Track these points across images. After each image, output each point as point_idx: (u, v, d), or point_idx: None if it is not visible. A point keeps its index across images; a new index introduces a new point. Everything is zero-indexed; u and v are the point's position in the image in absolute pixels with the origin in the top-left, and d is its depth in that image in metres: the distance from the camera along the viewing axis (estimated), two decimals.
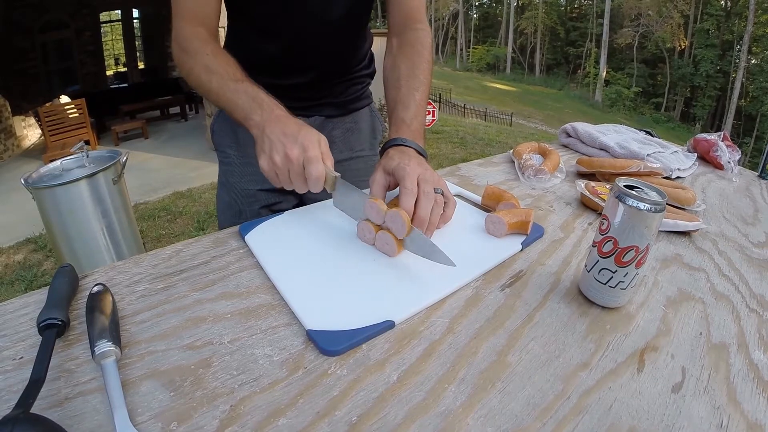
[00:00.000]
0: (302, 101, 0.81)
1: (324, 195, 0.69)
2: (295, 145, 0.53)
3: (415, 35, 0.74)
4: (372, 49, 0.92)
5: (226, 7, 0.77)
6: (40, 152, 5.51)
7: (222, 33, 0.72)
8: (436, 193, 0.56)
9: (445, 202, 0.59)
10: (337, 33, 0.77)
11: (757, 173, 1.03)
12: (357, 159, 0.91)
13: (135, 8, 8.95)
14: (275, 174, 0.55)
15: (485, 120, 15.03)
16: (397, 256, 0.54)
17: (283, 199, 0.88)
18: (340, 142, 0.89)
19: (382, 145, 0.66)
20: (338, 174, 0.56)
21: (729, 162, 1.02)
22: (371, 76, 0.93)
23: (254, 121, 0.58)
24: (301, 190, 0.56)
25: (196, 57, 0.64)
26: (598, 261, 0.47)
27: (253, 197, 0.86)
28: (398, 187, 0.61)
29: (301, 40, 0.76)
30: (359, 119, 0.92)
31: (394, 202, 0.60)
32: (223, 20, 0.73)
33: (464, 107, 16.87)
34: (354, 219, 0.58)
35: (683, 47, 26.18)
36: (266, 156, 0.55)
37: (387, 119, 0.72)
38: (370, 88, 0.96)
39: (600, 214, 0.64)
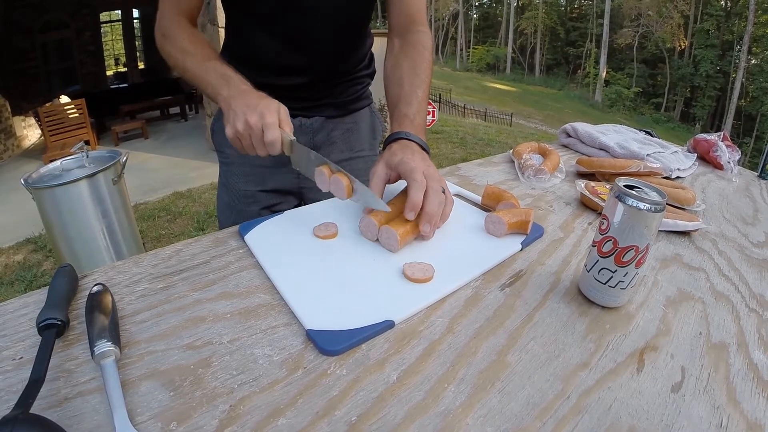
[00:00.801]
0: (302, 101, 0.81)
1: (324, 195, 0.69)
2: (255, 113, 0.58)
3: (416, 37, 0.75)
4: (372, 49, 0.92)
5: (225, 7, 0.78)
6: (40, 152, 5.51)
7: (222, 33, 0.73)
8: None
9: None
10: (337, 32, 0.77)
11: (756, 173, 1.03)
12: (357, 159, 0.91)
13: (135, 8, 8.96)
14: (238, 140, 0.60)
15: (485, 120, 15.04)
16: (398, 255, 0.54)
17: (283, 199, 0.88)
18: (340, 142, 0.89)
19: (384, 140, 0.67)
20: (294, 138, 0.60)
21: (729, 162, 1.02)
22: (371, 76, 0.93)
23: (222, 95, 0.62)
24: (262, 154, 0.60)
25: (175, 41, 0.70)
26: (597, 261, 0.47)
27: (253, 198, 0.86)
28: (398, 182, 0.61)
29: (301, 40, 0.76)
30: (359, 119, 0.92)
31: (398, 198, 0.60)
32: (223, 20, 0.73)
33: (464, 107, 16.87)
34: (311, 178, 0.62)
35: (683, 47, 26.18)
36: (230, 125, 0.60)
37: (387, 119, 0.72)
38: (370, 88, 0.96)
39: (600, 214, 0.64)
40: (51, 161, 2.20)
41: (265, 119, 0.57)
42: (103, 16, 8.74)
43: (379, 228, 0.55)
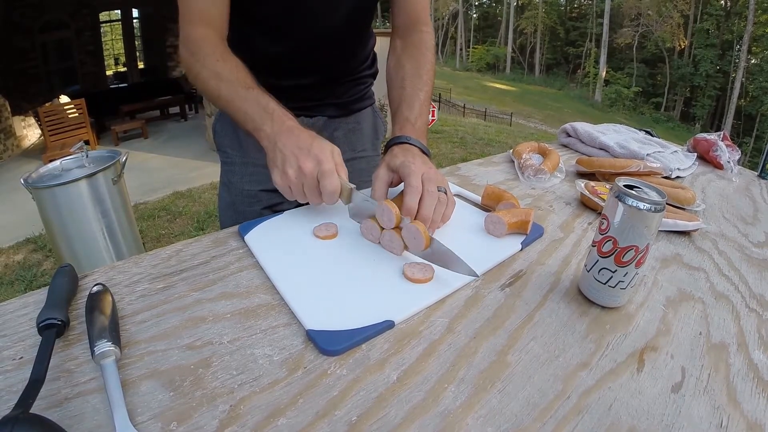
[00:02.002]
0: (305, 101, 0.81)
1: None
2: (309, 158, 0.53)
3: (419, 37, 0.75)
4: (374, 48, 0.92)
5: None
6: (40, 152, 5.51)
7: None
8: (439, 191, 0.57)
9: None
10: (340, 33, 0.77)
11: (756, 173, 1.03)
12: (359, 159, 0.91)
13: (135, 8, 8.94)
14: (289, 188, 0.55)
15: (485, 120, 15.03)
16: (398, 255, 0.53)
17: (285, 199, 0.88)
18: (342, 142, 0.89)
19: (385, 143, 0.67)
20: (353, 186, 0.56)
21: (729, 162, 1.02)
22: (374, 76, 0.93)
23: (265, 132, 0.57)
24: (315, 203, 0.55)
25: (206, 61, 0.62)
26: (597, 261, 0.47)
27: (255, 198, 0.86)
28: (400, 184, 0.61)
29: (304, 40, 0.75)
30: (362, 119, 0.92)
31: (399, 199, 0.60)
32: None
33: (464, 107, 16.87)
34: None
35: (683, 47, 26.17)
36: (279, 170, 0.54)
37: (387, 117, 0.72)
38: (372, 88, 0.96)
39: (600, 213, 0.64)
40: (51, 161, 2.20)
41: (323, 166, 0.52)
42: (103, 16, 8.73)
43: (382, 232, 0.55)
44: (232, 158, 0.87)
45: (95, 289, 0.44)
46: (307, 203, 0.58)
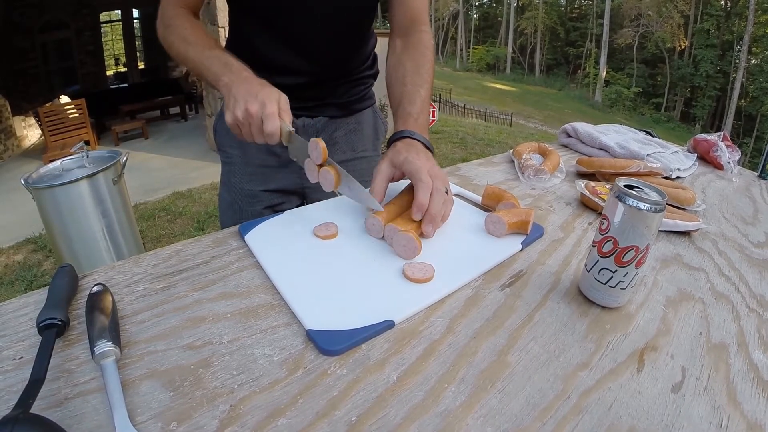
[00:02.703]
0: (305, 101, 0.81)
1: (326, 195, 0.69)
2: (256, 101, 0.57)
3: (418, 37, 0.75)
4: (375, 49, 0.92)
5: (228, 5, 0.78)
6: (40, 152, 5.51)
7: (223, 33, 0.73)
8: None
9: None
10: (339, 33, 0.77)
11: (756, 173, 1.03)
12: (360, 159, 0.91)
13: (135, 8, 8.95)
14: (238, 128, 0.60)
15: (485, 120, 15.02)
16: (397, 255, 0.54)
17: (286, 199, 0.88)
18: (343, 142, 0.89)
19: (388, 138, 0.67)
20: (293, 129, 0.61)
21: (729, 162, 1.02)
22: (374, 76, 0.93)
23: (223, 81, 0.62)
24: (260, 142, 0.60)
25: (177, 31, 0.70)
26: (598, 261, 0.47)
27: (255, 197, 0.86)
28: (402, 180, 0.61)
29: (301, 40, 0.75)
30: (362, 120, 0.92)
31: (402, 196, 0.60)
32: (225, 20, 0.74)
33: (464, 107, 16.87)
34: (303, 167, 0.63)
35: (683, 47, 26.17)
36: (230, 111, 0.59)
37: (388, 117, 0.72)
38: (372, 88, 0.96)
39: (600, 214, 0.64)
40: (51, 161, 2.20)
41: (266, 109, 0.57)
42: (103, 16, 8.74)
43: (385, 226, 0.55)
44: (232, 158, 0.87)
45: (95, 289, 0.44)
46: (306, 204, 0.58)
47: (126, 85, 8.65)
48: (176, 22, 0.71)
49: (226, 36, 0.85)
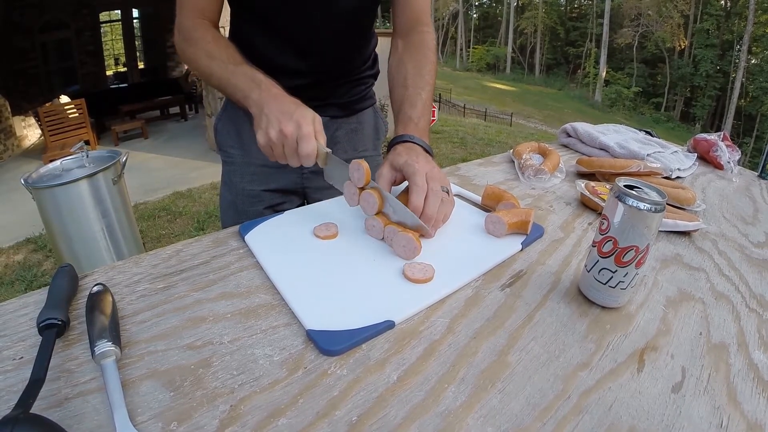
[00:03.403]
0: (306, 101, 0.81)
1: (326, 195, 0.69)
2: (291, 121, 0.56)
3: (420, 37, 0.75)
4: (375, 49, 0.92)
5: (230, 5, 0.78)
6: (40, 152, 5.50)
7: (223, 33, 0.73)
8: (442, 190, 0.57)
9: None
10: (340, 34, 0.77)
11: (757, 173, 1.03)
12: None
13: (135, 8, 8.94)
14: (270, 149, 0.58)
15: (485, 120, 15.02)
16: (397, 256, 0.54)
17: (287, 199, 0.88)
18: (344, 142, 0.89)
19: (388, 142, 0.67)
20: (329, 150, 0.59)
21: (729, 162, 1.02)
22: (375, 76, 0.93)
23: (252, 99, 0.60)
24: (294, 164, 0.58)
25: (198, 44, 0.67)
26: (598, 261, 0.47)
27: (257, 197, 0.86)
28: (404, 182, 0.61)
29: (302, 41, 0.75)
30: (363, 120, 0.92)
31: (402, 197, 0.60)
32: (225, 20, 0.73)
33: (464, 107, 16.87)
34: (341, 190, 0.61)
35: (683, 47, 26.17)
36: (263, 131, 0.57)
37: (388, 117, 0.72)
38: (373, 88, 0.96)
39: (600, 214, 0.64)
40: (51, 161, 2.20)
41: (302, 130, 0.55)
42: (103, 16, 8.72)
43: (395, 237, 0.54)
44: (233, 158, 0.87)
45: (95, 289, 0.44)
46: (301, 199, 0.57)
47: (126, 85, 8.64)
48: (196, 35, 0.68)
49: (227, 36, 0.85)
